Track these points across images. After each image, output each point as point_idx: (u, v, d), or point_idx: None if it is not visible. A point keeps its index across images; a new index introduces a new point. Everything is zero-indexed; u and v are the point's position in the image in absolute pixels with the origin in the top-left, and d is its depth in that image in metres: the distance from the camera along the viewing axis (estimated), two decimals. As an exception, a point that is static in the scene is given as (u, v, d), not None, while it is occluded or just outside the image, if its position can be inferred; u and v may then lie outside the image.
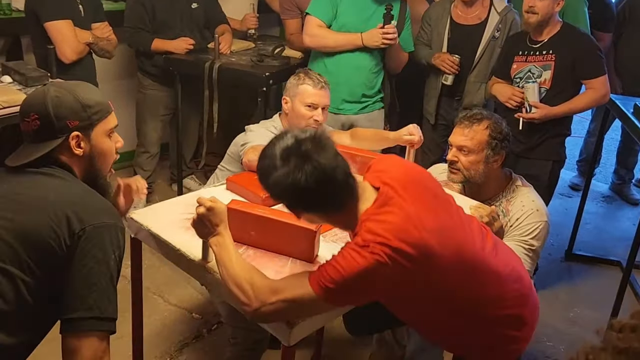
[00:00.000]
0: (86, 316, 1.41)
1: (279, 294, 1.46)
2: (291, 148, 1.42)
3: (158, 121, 3.90)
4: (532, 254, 2.23)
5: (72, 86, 1.63)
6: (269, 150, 1.46)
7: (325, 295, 1.43)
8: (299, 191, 1.41)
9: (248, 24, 4.10)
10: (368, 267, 1.40)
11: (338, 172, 1.43)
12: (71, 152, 1.59)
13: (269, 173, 1.44)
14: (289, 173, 1.40)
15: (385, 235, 1.41)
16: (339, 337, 2.93)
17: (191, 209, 1.84)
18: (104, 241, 1.45)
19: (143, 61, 3.76)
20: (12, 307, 1.42)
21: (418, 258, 1.43)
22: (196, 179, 4.29)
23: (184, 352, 2.82)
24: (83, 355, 1.41)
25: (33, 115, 1.56)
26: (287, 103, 2.57)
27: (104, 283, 1.44)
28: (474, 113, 2.33)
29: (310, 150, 1.40)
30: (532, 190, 2.36)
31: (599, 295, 3.47)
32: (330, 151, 1.43)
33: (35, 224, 1.43)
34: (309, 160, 1.39)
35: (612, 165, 5.07)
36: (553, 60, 3.01)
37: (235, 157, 2.49)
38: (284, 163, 1.41)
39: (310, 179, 1.39)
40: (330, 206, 1.49)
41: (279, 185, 1.43)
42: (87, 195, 1.55)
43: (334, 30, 3.17)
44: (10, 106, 2.68)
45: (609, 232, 4.32)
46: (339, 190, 1.46)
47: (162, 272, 3.24)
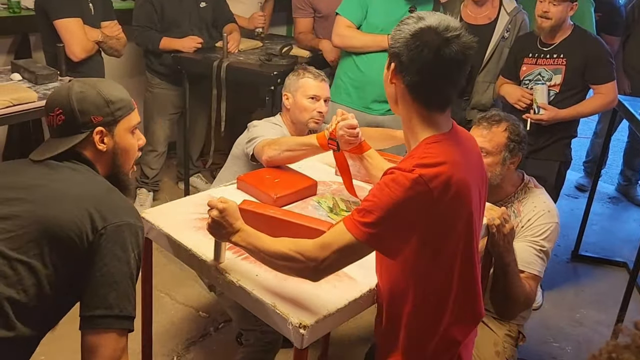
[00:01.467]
0: (106, 314, 1.42)
1: (327, 248, 1.43)
2: (437, 28, 1.39)
3: (166, 120, 3.90)
4: (543, 254, 2.24)
5: (96, 82, 1.65)
6: (411, 19, 1.44)
7: (362, 235, 1.39)
8: (422, 64, 1.39)
9: (256, 22, 4.10)
10: (407, 194, 1.36)
11: (461, 73, 1.43)
12: (95, 148, 1.61)
13: (403, 30, 1.42)
14: (427, 46, 1.37)
15: (438, 161, 1.39)
16: (345, 338, 2.94)
17: (202, 209, 1.85)
18: (125, 240, 1.46)
19: (151, 60, 3.76)
20: (33, 300, 1.43)
21: (453, 198, 1.40)
22: (203, 178, 4.30)
23: (191, 351, 2.83)
24: (102, 353, 1.42)
25: (57, 109, 1.58)
26: (288, 99, 2.59)
27: (124, 282, 1.45)
28: (492, 114, 2.32)
29: (457, 37, 1.38)
30: (543, 191, 2.36)
31: (605, 297, 3.48)
32: (471, 50, 1.41)
33: (58, 217, 1.44)
34: (452, 44, 1.37)
35: (618, 167, 5.07)
36: (564, 65, 3.02)
37: (241, 157, 2.49)
38: (426, 34, 1.38)
39: (453, 50, 1.37)
40: (428, 97, 1.45)
41: (408, 49, 1.40)
42: (110, 193, 1.56)
43: (364, 30, 3.20)
44: (20, 104, 2.69)
45: (615, 233, 4.32)
46: (448, 86, 1.45)
47: (169, 270, 3.25)
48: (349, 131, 2.01)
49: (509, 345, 2.38)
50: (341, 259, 1.45)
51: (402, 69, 1.44)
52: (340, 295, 1.61)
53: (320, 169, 2.40)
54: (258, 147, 2.30)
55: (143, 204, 3.85)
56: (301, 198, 2.15)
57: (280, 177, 2.20)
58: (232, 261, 1.72)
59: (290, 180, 2.20)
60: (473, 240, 1.54)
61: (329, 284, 1.65)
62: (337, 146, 2.05)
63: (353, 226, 1.41)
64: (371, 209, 1.39)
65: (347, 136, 2.02)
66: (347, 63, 3.30)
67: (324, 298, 1.58)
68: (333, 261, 1.45)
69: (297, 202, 2.12)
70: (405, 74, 1.44)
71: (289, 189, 2.12)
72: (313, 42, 3.82)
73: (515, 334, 2.42)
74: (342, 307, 1.57)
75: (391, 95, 1.54)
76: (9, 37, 3.52)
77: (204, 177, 4.30)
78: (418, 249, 1.44)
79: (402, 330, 1.56)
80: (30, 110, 2.73)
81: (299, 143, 2.21)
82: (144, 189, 3.97)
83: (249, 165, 2.44)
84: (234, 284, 1.63)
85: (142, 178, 3.97)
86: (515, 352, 2.42)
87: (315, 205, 2.12)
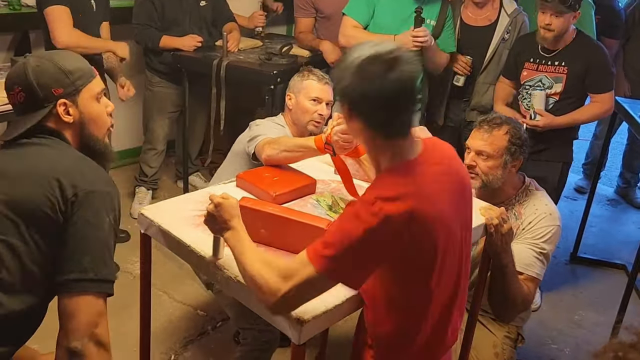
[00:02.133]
0: (80, 278, 1.43)
1: (289, 280, 1.38)
2: (376, 56, 1.36)
3: (165, 118, 3.90)
4: (543, 257, 2.23)
5: (52, 54, 1.65)
6: (347, 56, 1.40)
7: (323, 268, 1.35)
8: (373, 94, 1.34)
9: (256, 22, 4.11)
10: (367, 225, 1.32)
11: (414, 94, 1.38)
12: (61, 120, 1.60)
13: (345, 69, 1.37)
14: (373, 75, 1.33)
15: (400, 193, 1.35)
16: (343, 336, 2.93)
17: (201, 206, 1.84)
18: (96, 206, 1.47)
19: (151, 58, 3.76)
20: (17, 277, 1.44)
21: (417, 231, 1.37)
22: (202, 177, 4.30)
23: (188, 349, 2.82)
24: (79, 317, 1.41)
25: (17, 88, 1.58)
26: (291, 99, 2.59)
27: (98, 246, 1.45)
28: (493, 117, 2.31)
29: (398, 59, 1.35)
30: (544, 194, 2.35)
31: (604, 298, 3.48)
32: (417, 66, 1.38)
33: (29, 194, 1.46)
34: (396, 66, 1.34)
35: (617, 169, 5.08)
36: (565, 73, 3.01)
37: (241, 154, 2.48)
38: (368, 65, 1.35)
39: (391, 84, 1.33)
40: (387, 126, 1.39)
41: (355, 85, 1.36)
42: (79, 162, 1.56)
43: (371, 30, 3.20)
44: (20, 101, 2.68)
45: (613, 236, 4.32)
46: (405, 112, 1.39)
47: (167, 268, 3.24)
48: (342, 136, 1.95)
49: (507, 347, 2.37)
50: (301, 293, 1.40)
51: (355, 106, 1.40)
52: (338, 292, 1.59)
53: (319, 168, 2.40)
54: (259, 146, 2.29)
55: (142, 203, 3.84)
56: (300, 196, 2.14)
57: (280, 175, 2.19)
58: (230, 257, 1.70)
59: (289, 178, 2.19)
60: (445, 270, 1.51)
61: (328, 280, 1.65)
62: (333, 151, 2.03)
63: (316, 259, 1.37)
64: (332, 241, 1.36)
65: (341, 142, 1.96)
66: None
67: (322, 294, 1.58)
68: (292, 296, 1.39)
69: (296, 200, 2.11)
70: (360, 110, 1.40)
71: (288, 187, 2.12)
72: (313, 43, 3.82)
73: (515, 336, 2.42)
74: (340, 304, 1.56)
75: (353, 132, 1.53)
76: (9, 34, 3.52)
77: (202, 176, 4.30)
78: (386, 276, 1.45)
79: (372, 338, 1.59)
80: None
81: (297, 145, 2.20)
82: (143, 187, 3.97)
83: (249, 164, 2.43)
84: (232, 280, 1.63)
85: (141, 176, 3.97)
86: (514, 353, 2.41)
87: (314, 203, 2.12)
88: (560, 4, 2.85)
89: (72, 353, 1.42)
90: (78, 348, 1.41)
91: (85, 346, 1.42)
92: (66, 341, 1.42)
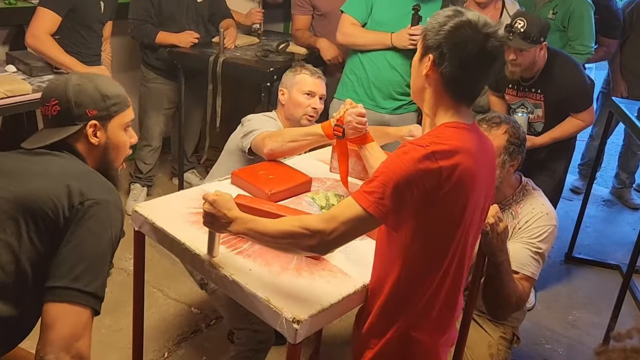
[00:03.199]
0: (70, 286, 1.38)
1: (334, 220, 1.43)
2: (476, 24, 1.44)
3: (161, 115, 3.88)
4: (539, 257, 2.23)
5: (94, 77, 1.67)
6: (444, 14, 1.47)
7: (369, 205, 1.40)
8: (466, 54, 1.43)
9: (253, 18, 4.09)
10: (418, 167, 1.38)
11: (494, 72, 1.50)
12: (87, 141, 1.62)
13: (443, 23, 1.45)
14: (471, 38, 1.42)
15: (453, 147, 1.42)
16: (338, 336, 2.93)
17: (196, 203, 1.83)
18: (101, 217, 1.45)
19: (147, 54, 3.74)
20: (12, 278, 1.42)
21: (457, 184, 1.42)
22: (197, 174, 4.28)
23: (182, 347, 2.81)
24: (60, 328, 1.35)
25: (54, 100, 1.60)
26: (283, 94, 2.59)
27: (94, 258, 1.42)
28: (492, 117, 2.31)
29: (494, 34, 1.44)
30: (541, 194, 2.35)
31: (598, 299, 3.48)
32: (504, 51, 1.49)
33: (34, 192, 1.45)
34: (492, 40, 1.43)
35: (613, 169, 5.08)
36: (542, 100, 3.07)
37: (235, 152, 2.47)
38: (468, 28, 1.43)
39: (494, 45, 1.43)
40: (462, 87, 1.49)
41: (453, 39, 1.43)
42: (91, 174, 1.56)
43: (370, 27, 3.20)
44: (15, 95, 2.67)
45: (608, 236, 4.33)
46: (483, 81, 1.52)
47: (161, 265, 3.23)
48: (357, 118, 2.06)
49: (503, 348, 2.37)
50: (348, 230, 1.44)
51: (442, 61, 1.46)
52: (334, 291, 1.60)
53: (315, 166, 2.39)
54: (257, 140, 2.28)
55: (137, 199, 3.83)
56: (295, 194, 2.14)
57: (275, 173, 2.18)
58: (225, 255, 1.71)
59: (284, 176, 2.19)
60: (465, 233, 1.53)
61: (323, 279, 1.65)
62: (342, 132, 2.08)
63: (361, 197, 1.42)
64: (380, 179, 1.41)
65: (354, 122, 2.06)
66: (354, 61, 3.29)
67: (318, 293, 1.58)
68: (340, 233, 1.44)
69: (291, 198, 2.11)
70: (444, 66, 1.46)
71: (283, 185, 2.11)
72: (310, 40, 3.81)
73: (510, 336, 2.41)
74: (336, 303, 1.56)
75: (419, 87, 1.56)
76: (5, 29, 3.49)
77: (198, 173, 4.29)
78: (413, 228, 1.46)
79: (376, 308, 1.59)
80: (24, 102, 2.72)
81: (303, 133, 2.21)
82: (138, 184, 3.95)
83: (244, 161, 2.42)
84: (227, 279, 1.62)
85: (136, 173, 3.95)
86: (509, 354, 2.41)
87: (309, 201, 2.11)
88: (523, 41, 2.85)
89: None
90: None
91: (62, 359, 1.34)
92: (42, 352, 1.34)
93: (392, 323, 1.58)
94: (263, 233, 1.51)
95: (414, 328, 1.57)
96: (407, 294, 1.55)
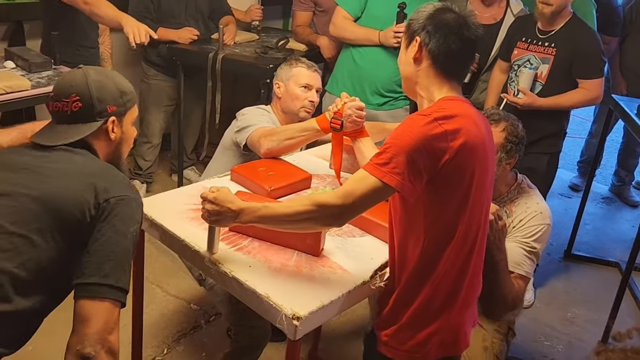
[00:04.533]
0: (101, 282, 1.42)
1: (350, 196, 1.48)
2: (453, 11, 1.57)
3: (161, 112, 3.88)
4: (533, 256, 2.22)
5: (108, 72, 1.69)
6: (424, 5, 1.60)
7: (383, 176, 1.45)
8: (451, 34, 1.53)
9: (253, 15, 4.09)
10: (423, 132, 1.44)
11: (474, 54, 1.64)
12: (105, 137, 1.63)
13: (424, 10, 1.58)
14: (453, 21, 1.54)
15: (453, 113, 1.48)
16: (337, 332, 2.93)
17: (195, 200, 1.83)
18: (125, 214, 1.47)
19: (147, 51, 3.73)
20: (32, 275, 1.42)
21: (464, 148, 1.47)
22: (197, 171, 4.28)
23: (181, 343, 2.81)
24: (95, 322, 1.40)
25: (74, 96, 1.58)
26: (279, 87, 2.57)
27: (121, 254, 1.45)
28: (491, 113, 2.30)
29: (468, 22, 1.56)
30: (536, 192, 2.34)
31: (597, 296, 3.49)
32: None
33: (60, 193, 1.45)
34: (469, 25, 1.55)
35: (612, 167, 5.09)
36: (553, 55, 3.00)
37: (230, 147, 2.46)
38: (447, 13, 1.56)
39: (474, 24, 1.55)
40: (452, 64, 1.57)
41: (436, 22, 1.54)
42: (108, 169, 1.58)
43: (363, 21, 3.20)
44: (14, 92, 2.66)
45: (607, 234, 4.33)
46: (468, 62, 1.62)
47: (161, 262, 3.23)
48: (357, 112, 2.08)
49: (497, 341, 2.37)
50: (365, 202, 1.50)
51: (429, 39, 1.55)
52: (334, 287, 1.60)
53: (314, 163, 2.39)
54: (254, 139, 2.28)
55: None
56: (295, 191, 2.14)
57: (275, 170, 2.18)
58: (225, 252, 1.71)
59: (284, 173, 2.19)
60: (476, 202, 1.56)
61: (323, 276, 1.65)
62: (341, 125, 2.08)
63: (374, 169, 1.47)
64: (390, 150, 1.46)
65: (354, 116, 2.08)
66: (345, 56, 3.29)
67: (318, 290, 1.58)
68: (357, 206, 1.50)
69: (291, 195, 2.11)
70: (432, 43, 1.54)
71: (283, 181, 2.11)
72: (311, 37, 3.81)
73: (505, 330, 2.41)
74: (336, 299, 1.56)
75: (409, 73, 1.62)
76: (3, 25, 3.48)
77: (197, 170, 4.28)
78: (429, 195, 1.51)
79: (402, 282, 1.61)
80: (24, 98, 2.71)
81: (299, 129, 2.21)
82: (138, 180, 3.95)
83: (239, 156, 2.42)
84: (227, 275, 1.62)
85: (136, 170, 3.95)
86: (504, 347, 2.41)
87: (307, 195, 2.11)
88: None
89: (84, 359, 1.39)
90: (92, 354, 1.38)
91: (98, 353, 1.40)
92: (80, 346, 1.39)
93: (416, 295, 1.59)
94: (277, 217, 1.54)
95: (440, 300, 1.60)
96: (431, 264, 1.57)
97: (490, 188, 1.67)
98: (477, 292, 1.73)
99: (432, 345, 1.62)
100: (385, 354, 1.65)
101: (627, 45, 4.29)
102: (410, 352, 1.62)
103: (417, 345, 1.61)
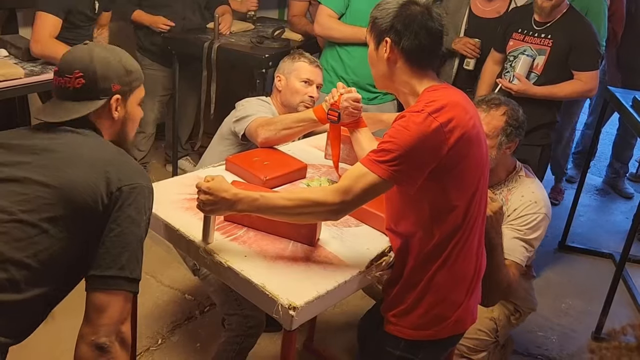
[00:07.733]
0: (118, 275, 1.41)
1: (350, 192, 1.52)
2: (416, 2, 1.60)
3: (155, 101, 3.86)
4: (527, 244, 2.22)
5: (116, 49, 1.64)
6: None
7: (384, 173, 1.49)
8: (417, 27, 1.56)
9: (249, 5, 4.07)
10: (421, 129, 1.48)
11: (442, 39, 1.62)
12: (108, 116, 1.59)
13: (387, 7, 1.60)
14: (417, 13, 1.57)
15: (443, 104, 1.51)
16: (332, 323, 2.93)
17: (190, 189, 1.82)
18: (139, 202, 1.46)
19: (141, 39, 3.71)
20: (43, 265, 1.41)
21: (460, 136, 1.51)
22: (191, 161, 4.26)
23: (175, 333, 2.81)
24: (110, 313, 1.40)
25: (77, 72, 1.54)
26: (280, 80, 2.57)
27: (135, 244, 1.44)
28: (492, 98, 2.30)
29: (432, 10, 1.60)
30: (535, 181, 2.33)
31: (591, 287, 3.50)
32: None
33: (74, 181, 1.43)
34: (433, 14, 1.58)
35: (606, 159, 5.10)
36: (549, 46, 3.00)
37: (228, 136, 2.45)
38: (412, 5, 1.59)
39: (437, 14, 1.58)
40: (424, 56, 1.60)
41: (401, 19, 1.57)
42: (122, 155, 1.55)
43: (347, 17, 3.17)
44: (7, 80, 2.64)
45: (602, 225, 4.35)
46: (437, 49, 1.62)
47: (155, 252, 3.22)
48: (354, 104, 2.08)
49: (503, 315, 2.41)
50: (364, 198, 1.55)
51: (400, 38, 1.57)
52: (330, 277, 1.59)
53: (310, 152, 2.38)
54: (251, 128, 2.27)
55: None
56: (290, 181, 2.13)
57: (270, 160, 2.18)
58: (220, 242, 1.70)
59: (280, 162, 2.18)
60: (480, 187, 1.62)
61: (319, 265, 1.65)
62: (338, 117, 2.08)
63: (373, 165, 1.51)
64: (390, 148, 1.50)
65: (351, 108, 2.08)
66: (330, 53, 3.27)
67: (314, 279, 1.57)
68: (356, 201, 1.55)
69: (286, 185, 2.10)
70: (403, 42, 1.57)
71: (278, 171, 2.10)
72: (307, 27, 3.79)
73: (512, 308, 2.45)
74: (332, 289, 1.56)
75: (383, 73, 1.66)
76: (-4, 13, 3.46)
77: (192, 160, 4.27)
78: (431, 182, 1.55)
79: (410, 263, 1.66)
80: (17, 86, 2.69)
81: (296, 120, 2.21)
82: (132, 170, 3.92)
83: (236, 145, 2.41)
84: (222, 265, 1.61)
85: (130, 159, 3.92)
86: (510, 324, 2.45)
87: (304, 188, 2.10)
88: None
89: (99, 348, 1.39)
90: (106, 344, 1.39)
91: (113, 343, 1.40)
92: (95, 336, 1.39)
93: (423, 277, 1.64)
94: (275, 207, 1.57)
95: (448, 281, 1.65)
96: (437, 247, 1.62)
97: (487, 164, 1.71)
98: (482, 272, 1.78)
99: (440, 324, 1.67)
100: (393, 333, 1.69)
101: (624, 41, 4.27)
102: (417, 329, 1.67)
103: (426, 324, 1.67)
